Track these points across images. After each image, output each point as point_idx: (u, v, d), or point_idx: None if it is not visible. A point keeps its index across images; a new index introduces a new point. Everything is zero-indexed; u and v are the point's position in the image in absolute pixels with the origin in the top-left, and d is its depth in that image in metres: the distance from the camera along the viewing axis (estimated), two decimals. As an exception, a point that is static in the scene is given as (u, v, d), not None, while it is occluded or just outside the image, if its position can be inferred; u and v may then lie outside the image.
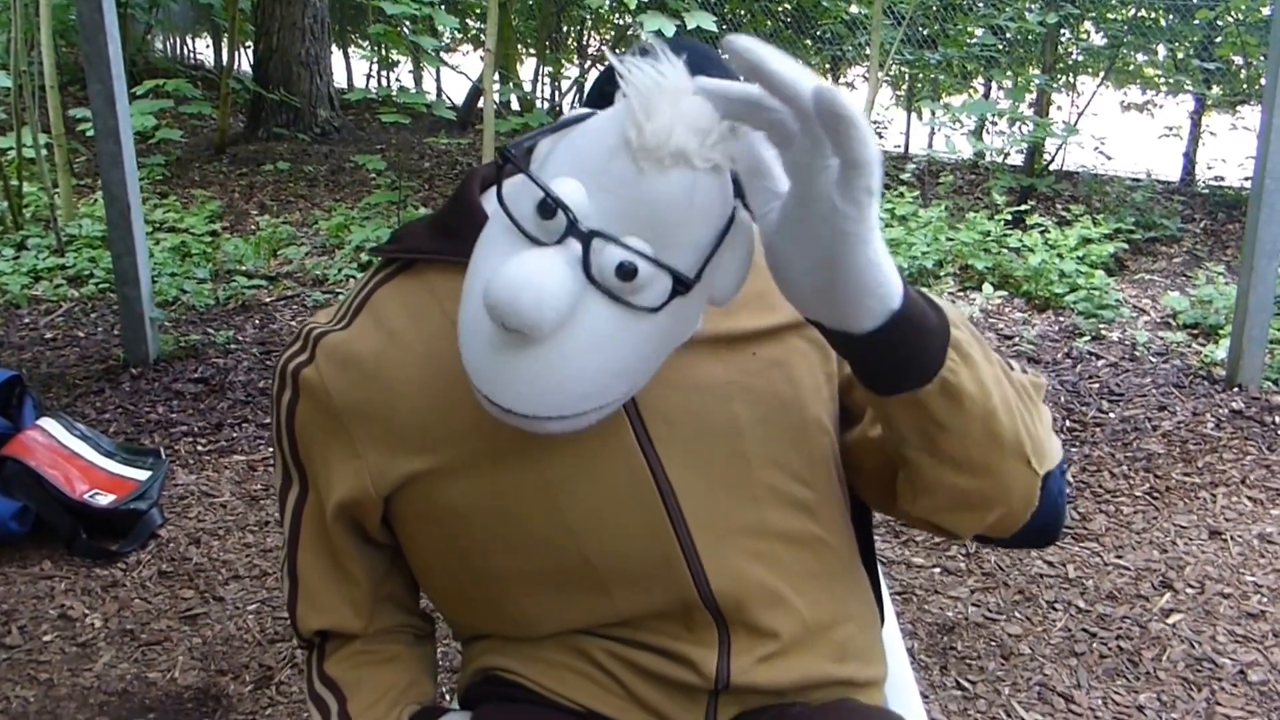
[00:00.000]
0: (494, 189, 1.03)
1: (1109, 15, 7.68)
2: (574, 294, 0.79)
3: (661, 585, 1.00)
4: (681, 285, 0.81)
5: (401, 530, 1.06)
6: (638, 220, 0.80)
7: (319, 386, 1.00)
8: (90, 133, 4.50)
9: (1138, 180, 7.59)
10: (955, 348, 0.84)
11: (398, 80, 13.29)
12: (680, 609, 1.01)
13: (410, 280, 1.03)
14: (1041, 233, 5.58)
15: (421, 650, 1.16)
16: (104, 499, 2.89)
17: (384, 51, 11.37)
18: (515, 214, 0.83)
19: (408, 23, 6.48)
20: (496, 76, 7.46)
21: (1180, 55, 7.77)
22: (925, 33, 7.80)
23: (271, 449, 1.07)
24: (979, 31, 7.58)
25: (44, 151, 5.76)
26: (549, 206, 0.81)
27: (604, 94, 1.05)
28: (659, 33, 4.31)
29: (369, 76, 13.40)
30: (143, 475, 3.04)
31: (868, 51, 7.25)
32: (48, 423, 3.04)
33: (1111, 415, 3.69)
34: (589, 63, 10.48)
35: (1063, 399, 3.83)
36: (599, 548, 0.98)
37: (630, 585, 1.00)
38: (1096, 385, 3.97)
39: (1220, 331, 4.38)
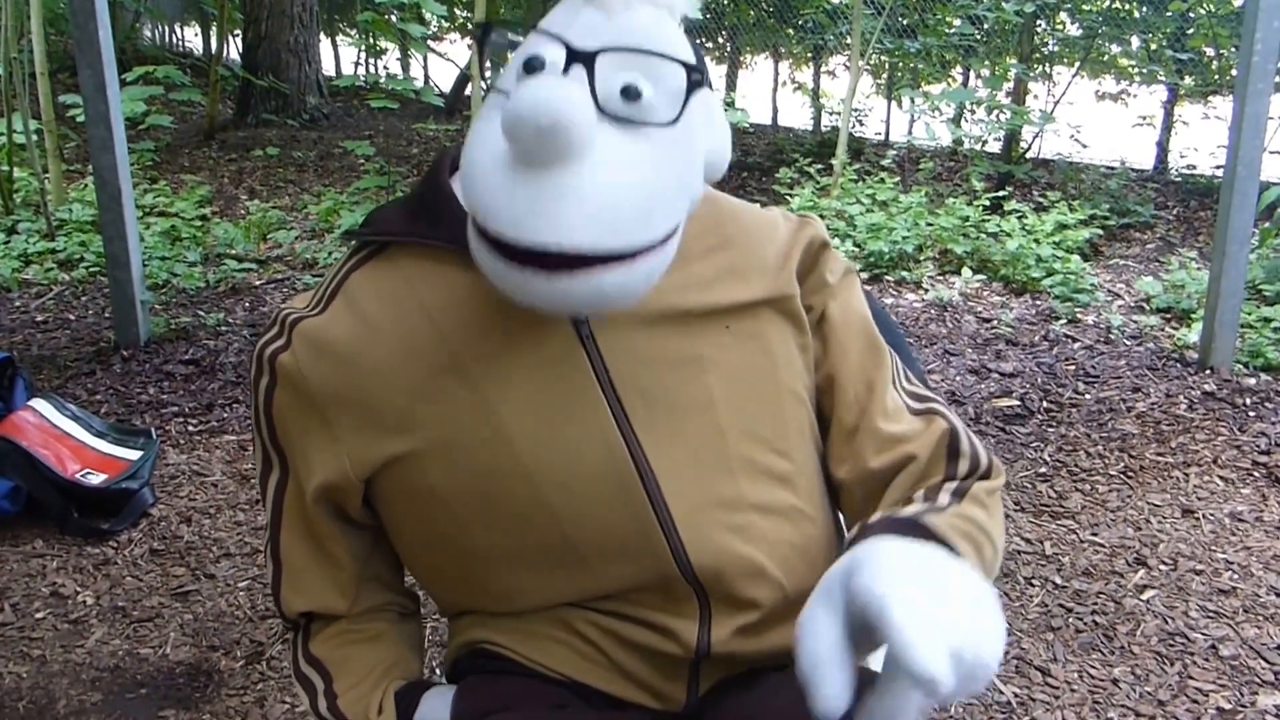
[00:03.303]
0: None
1: (1084, 6, 7.69)
2: (592, 110, 0.80)
3: (641, 559, 1.01)
4: (697, 73, 0.86)
5: (383, 511, 1.06)
6: (620, 55, 0.85)
7: (295, 372, 1.00)
8: (81, 118, 4.52)
9: (1112, 168, 7.61)
10: None
11: (385, 67, 13.25)
12: (660, 582, 1.02)
13: (384, 264, 1.03)
14: (1019, 218, 5.59)
15: (407, 627, 1.17)
16: (95, 478, 2.89)
17: (372, 39, 11.35)
18: (502, 85, 0.86)
19: (395, 10, 6.48)
20: (484, 63, 7.44)
21: (1154, 46, 7.78)
22: (905, 22, 7.82)
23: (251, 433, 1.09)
24: (957, 21, 7.60)
25: (34, 137, 5.75)
26: (538, 60, 0.85)
27: None
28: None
29: (357, 64, 13.36)
30: (134, 455, 3.04)
31: (849, 40, 7.28)
32: (39, 403, 3.03)
33: (1087, 396, 3.72)
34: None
35: (1040, 380, 3.86)
36: (577, 524, 0.99)
37: (610, 560, 1.01)
38: (1073, 367, 4.00)
39: (1193, 315, 4.41)
